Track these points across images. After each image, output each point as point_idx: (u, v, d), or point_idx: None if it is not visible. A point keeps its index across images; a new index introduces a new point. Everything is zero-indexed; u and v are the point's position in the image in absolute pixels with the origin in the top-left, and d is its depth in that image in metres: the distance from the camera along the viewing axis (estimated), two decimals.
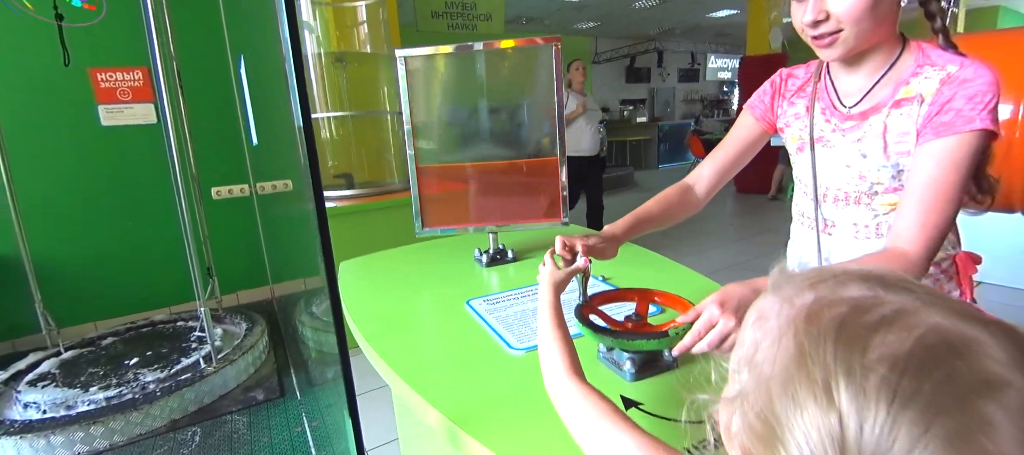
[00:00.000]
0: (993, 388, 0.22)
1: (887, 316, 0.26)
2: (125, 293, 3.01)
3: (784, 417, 0.26)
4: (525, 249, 1.42)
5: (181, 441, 1.93)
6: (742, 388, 0.31)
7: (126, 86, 2.83)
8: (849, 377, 0.24)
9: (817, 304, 0.29)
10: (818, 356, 0.26)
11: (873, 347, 0.25)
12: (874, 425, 0.23)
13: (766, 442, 0.28)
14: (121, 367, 2.30)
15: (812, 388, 0.25)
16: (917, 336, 0.24)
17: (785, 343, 0.28)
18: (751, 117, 0.99)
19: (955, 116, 0.69)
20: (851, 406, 0.24)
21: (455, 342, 0.89)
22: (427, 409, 0.68)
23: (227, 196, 3.18)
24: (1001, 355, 0.23)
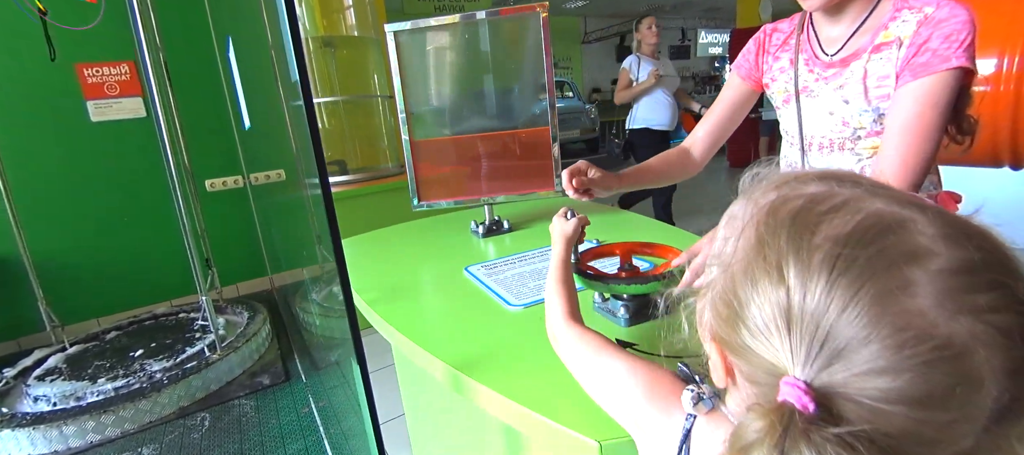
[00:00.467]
0: (918, 256, 0.26)
1: (836, 205, 0.29)
2: (126, 288, 3.03)
3: (744, 298, 0.30)
4: (521, 220, 1.44)
5: (191, 426, 1.97)
6: (712, 280, 0.34)
7: (113, 80, 2.81)
8: (797, 256, 0.28)
9: (778, 200, 0.32)
10: (773, 243, 0.29)
11: (820, 231, 0.28)
12: (814, 292, 0.26)
13: (729, 322, 0.31)
14: (127, 359, 2.33)
15: (767, 270, 0.29)
16: (858, 219, 0.28)
17: (747, 235, 0.32)
18: (738, 78, 1.01)
19: (932, 56, 0.71)
20: (797, 280, 0.27)
21: (456, 303, 0.92)
22: (432, 361, 0.71)
23: (221, 188, 3.19)
24: (930, 231, 0.27)
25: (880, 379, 0.24)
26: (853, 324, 0.25)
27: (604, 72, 11.26)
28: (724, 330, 0.32)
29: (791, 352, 0.27)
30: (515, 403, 0.57)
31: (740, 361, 0.31)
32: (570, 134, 7.81)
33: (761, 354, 0.29)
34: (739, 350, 0.31)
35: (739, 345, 0.30)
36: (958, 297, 0.25)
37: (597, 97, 10.47)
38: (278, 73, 2.82)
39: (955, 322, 0.24)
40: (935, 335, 0.24)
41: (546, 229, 1.34)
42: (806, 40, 0.90)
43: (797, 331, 0.27)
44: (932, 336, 0.24)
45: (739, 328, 0.30)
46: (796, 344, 0.27)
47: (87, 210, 2.90)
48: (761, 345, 0.29)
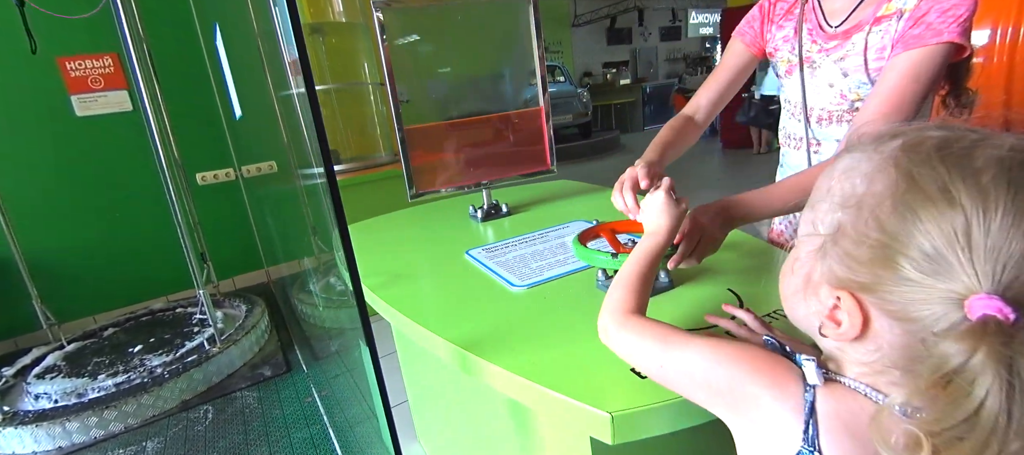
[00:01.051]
0: None
1: (975, 140, 0.30)
2: (122, 284, 3.01)
3: (900, 231, 0.30)
4: (519, 204, 1.44)
5: (194, 419, 1.98)
6: (837, 227, 0.34)
7: (97, 74, 2.76)
8: (965, 179, 0.29)
9: (911, 141, 0.32)
10: (928, 172, 0.30)
11: (977, 157, 0.29)
12: (997, 210, 0.27)
13: (875, 263, 0.31)
14: (126, 355, 2.32)
15: (929, 198, 0.29)
16: (1007, 148, 0.29)
17: (887, 173, 0.32)
18: (741, 44, 1.00)
19: (925, 29, 0.71)
20: (972, 201, 0.28)
21: (458, 286, 0.92)
22: (437, 342, 0.71)
23: (213, 181, 3.15)
24: None
25: None
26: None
27: (595, 55, 11.18)
28: (864, 273, 0.32)
29: (976, 271, 0.27)
30: (524, 379, 0.58)
31: (887, 300, 0.31)
32: (563, 119, 7.76)
33: (932, 284, 0.29)
34: (889, 288, 0.30)
35: (892, 281, 0.30)
36: None
37: (589, 81, 10.41)
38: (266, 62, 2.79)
39: None
40: None
41: (545, 212, 1.35)
42: (811, 10, 0.89)
43: (982, 251, 0.27)
44: None
45: (896, 264, 0.30)
46: (980, 263, 0.27)
47: (78, 207, 2.87)
48: (931, 274, 0.29)
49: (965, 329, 0.27)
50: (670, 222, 0.63)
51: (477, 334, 0.72)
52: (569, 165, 7.17)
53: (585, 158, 7.60)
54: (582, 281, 0.85)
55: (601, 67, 11.14)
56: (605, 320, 0.54)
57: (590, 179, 5.58)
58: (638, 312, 0.53)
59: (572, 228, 1.16)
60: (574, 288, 0.83)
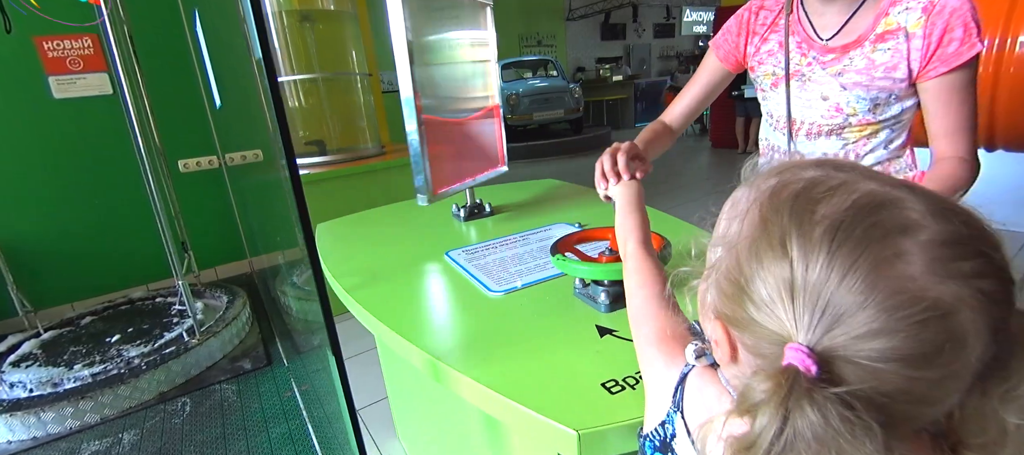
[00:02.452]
0: (909, 229, 0.28)
1: (833, 186, 0.31)
2: (100, 272, 2.95)
3: (749, 273, 0.32)
4: (504, 204, 1.43)
5: (172, 411, 1.95)
6: (716, 261, 0.36)
7: (76, 55, 2.68)
8: (799, 231, 0.30)
9: (779, 184, 0.34)
10: (777, 221, 0.31)
11: (819, 209, 0.30)
12: (816, 263, 0.29)
13: (735, 299, 0.33)
14: (103, 344, 2.28)
15: (771, 246, 0.31)
16: (854, 198, 0.30)
17: (751, 216, 0.34)
18: (715, 58, 0.99)
19: (959, 44, 0.73)
20: (800, 253, 0.29)
21: (436, 290, 0.91)
22: (410, 349, 0.70)
23: (195, 169, 3.10)
24: (919, 208, 0.29)
25: (876, 340, 0.27)
26: (852, 291, 0.27)
27: (589, 50, 11.14)
28: (729, 307, 0.33)
29: (795, 319, 0.29)
30: (494, 393, 0.57)
31: (744, 335, 0.33)
32: (554, 114, 7.73)
33: (766, 325, 0.30)
34: (744, 324, 0.32)
35: (744, 319, 0.32)
36: (946, 264, 0.27)
37: (581, 76, 10.38)
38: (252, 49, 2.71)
39: (943, 285, 0.27)
40: (925, 297, 0.26)
41: (529, 213, 1.34)
42: (797, 22, 0.88)
43: (801, 300, 0.29)
44: (923, 298, 0.26)
45: (745, 302, 0.32)
46: (800, 312, 0.29)
47: (55, 192, 2.80)
48: (766, 316, 0.30)
49: (770, 371, 0.29)
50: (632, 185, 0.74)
51: (451, 342, 0.71)
52: (559, 161, 7.17)
53: (575, 153, 7.59)
54: (559, 288, 0.84)
55: (595, 62, 11.11)
56: (625, 238, 0.62)
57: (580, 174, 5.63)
58: (643, 243, 0.61)
59: (554, 232, 1.15)
60: (551, 295, 0.82)
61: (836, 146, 0.87)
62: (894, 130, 0.86)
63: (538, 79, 8.03)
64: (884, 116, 0.83)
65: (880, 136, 0.86)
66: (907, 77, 0.78)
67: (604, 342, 0.67)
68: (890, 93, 0.80)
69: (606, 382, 0.57)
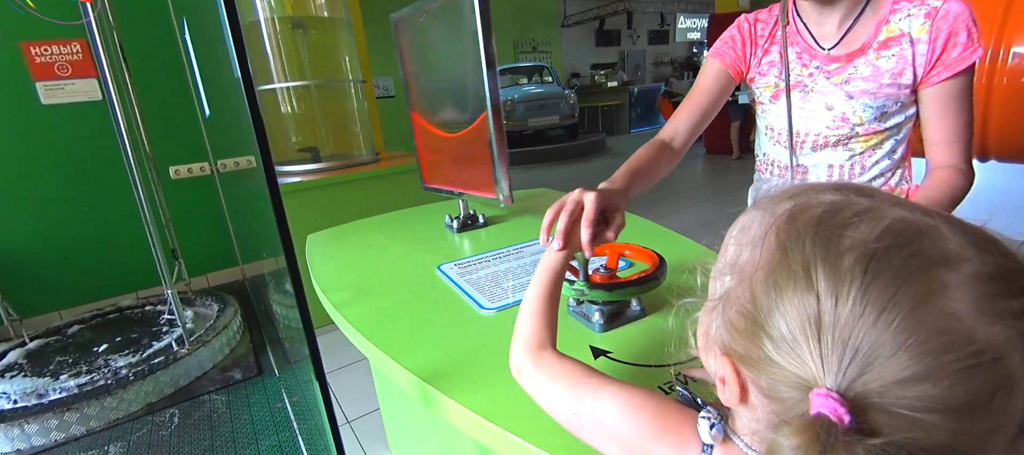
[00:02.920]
0: (951, 261, 0.25)
1: (859, 212, 0.28)
2: (89, 280, 2.91)
3: (766, 306, 0.28)
4: (497, 214, 1.42)
5: (160, 423, 1.92)
6: (725, 291, 0.33)
7: (64, 60, 2.65)
8: (825, 261, 0.27)
9: (796, 208, 0.31)
10: (798, 249, 0.28)
11: (847, 236, 0.27)
12: (847, 297, 0.25)
13: (748, 334, 0.29)
14: (90, 354, 2.24)
15: (792, 276, 0.28)
16: (885, 225, 0.27)
17: (768, 243, 0.30)
18: (719, 64, 0.94)
19: (962, 49, 0.74)
20: (827, 285, 0.26)
21: (426, 306, 0.89)
22: (398, 370, 0.68)
23: (187, 175, 3.07)
24: (956, 238, 0.26)
25: (919, 387, 0.24)
26: (890, 329, 0.24)
27: (583, 56, 11.19)
28: (741, 343, 0.30)
29: (821, 361, 0.26)
30: (484, 420, 0.55)
31: (759, 375, 0.29)
32: (549, 120, 7.75)
33: (786, 366, 0.27)
34: (758, 364, 0.29)
35: (759, 358, 0.29)
36: (993, 302, 0.24)
37: (576, 82, 10.41)
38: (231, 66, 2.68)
39: (992, 327, 0.24)
40: (974, 340, 0.23)
41: (523, 225, 1.33)
42: (796, 32, 0.87)
43: (829, 339, 0.25)
44: (971, 341, 0.23)
45: (760, 339, 0.28)
46: (827, 353, 0.25)
47: (44, 199, 2.76)
48: (787, 356, 0.27)
49: (799, 423, 0.26)
50: (542, 268, 0.60)
51: (440, 362, 0.69)
52: (555, 167, 7.17)
53: (571, 160, 7.59)
54: None
55: (589, 69, 11.15)
56: (518, 357, 0.51)
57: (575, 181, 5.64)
58: (550, 345, 0.50)
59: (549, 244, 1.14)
60: None
61: (842, 158, 0.86)
62: (897, 140, 0.86)
63: (533, 85, 8.05)
64: (889, 124, 0.83)
65: (885, 147, 0.85)
66: (912, 83, 0.79)
67: (598, 364, 0.65)
68: (896, 100, 0.80)
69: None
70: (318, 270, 1.12)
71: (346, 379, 2.12)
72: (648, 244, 0.86)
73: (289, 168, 2.79)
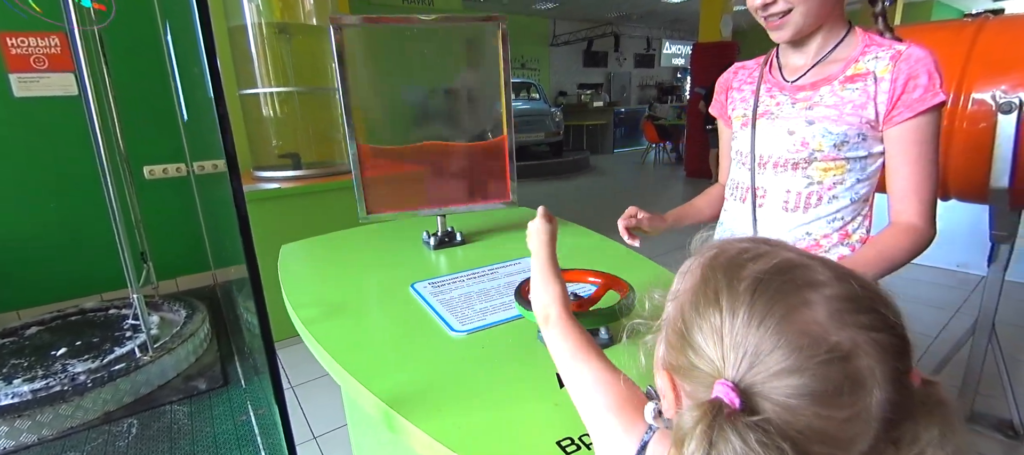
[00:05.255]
0: (815, 285, 0.33)
1: (758, 254, 0.37)
2: (52, 279, 2.80)
3: (690, 323, 0.36)
4: (474, 232, 1.42)
5: (116, 433, 1.84)
6: (666, 315, 0.41)
7: (41, 53, 2.58)
8: (729, 287, 0.35)
9: (717, 252, 0.39)
10: (712, 280, 0.37)
11: (745, 270, 0.36)
12: (739, 311, 0.33)
13: (678, 348, 0.37)
14: (47, 358, 2.15)
15: (708, 299, 0.36)
16: (773, 262, 0.36)
17: (692, 276, 0.39)
18: (724, 126, 1.07)
19: (923, 91, 0.76)
20: (728, 305, 0.34)
21: (396, 325, 0.89)
22: (362, 393, 0.67)
23: (162, 176, 3.00)
24: (825, 272, 0.35)
25: (788, 378, 0.31)
26: (767, 333, 0.32)
27: (571, 76, 11.35)
28: (674, 356, 0.38)
29: (723, 359, 0.33)
30: (447, 450, 0.55)
31: (686, 382, 0.36)
32: (535, 136, 7.81)
33: (702, 367, 0.34)
34: (686, 371, 0.36)
35: (686, 366, 0.36)
36: (845, 315, 0.32)
37: (563, 101, 10.54)
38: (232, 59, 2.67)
39: (844, 331, 0.31)
40: (828, 340, 0.31)
41: (500, 243, 1.33)
42: (768, 71, 0.94)
43: (727, 342, 0.33)
44: (826, 341, 0.31)
45: (686, 350, 0.36)
46: (727, 353, 0.33)
47: (8, 193, 2.67)
48: (702, 360, 0.34)
49: (700, 404, 0.32)
50: (542, 239, 0.71)
51: (407, 386, 0.69)
52: (539, 183, 7.21)
53: (554, 176, 7.65)
54: (523, 330, 0.83)
55: (576, 87, 11.30)
56: (548, 306, 0.60)
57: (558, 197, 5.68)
58: (566, 308, 0.59)
59: (524, 265, 1.14)
60: (514, 338, 0.81)
61: (800, 183, 0.88)
62: (860, 179, 0.87)
63: (520, 101, 8.12)
64: (849, 154, 0.85)
65: (846, 181, 0.87)
66: (874, 118, 0.81)
67: (563, 394, 0.65)
68: (858, 132, 0.82)
69: (562, 441, 0.55)
70: (289, 283, 1.10)
71: (315, 392, 2.07)
72: (619, 270, 0.88)
73: (269, 174, 2.75)
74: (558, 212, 1.68)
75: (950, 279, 3.07)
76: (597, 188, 6.85)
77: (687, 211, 1.11)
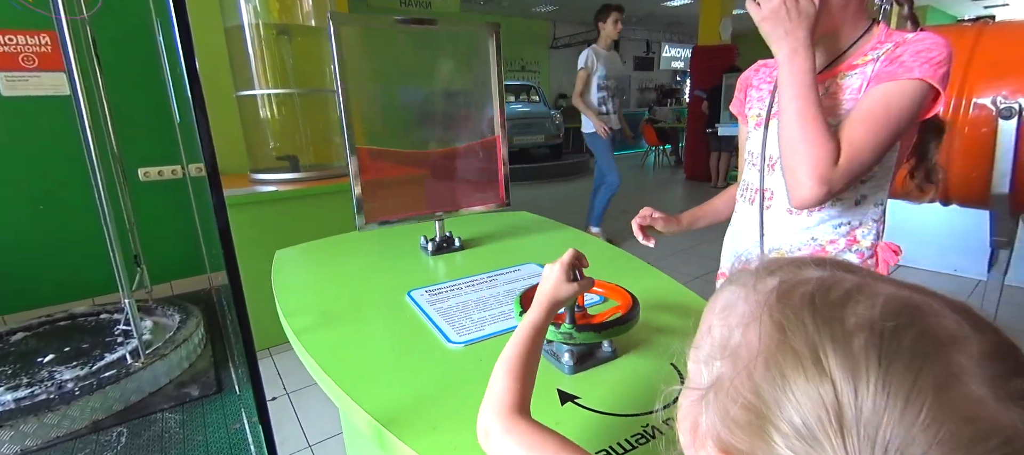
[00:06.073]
0: (958, 341, 0.24)
1: (850, 290, 0.27)
2: (41, 283, 2.76)
3: (771, 397, 0.26)
4: (473, 237, 1.38)
5: (105, 443, 1.80)
6: (717, 378, 0.29)
7: (31, 52, 2.54)
8: (834, 344, 0.25)
9: (784, 285, 0.29)
10: (799, 330, 0.26)
11: (848, 315, 0.25)
12: (868, 384, 0.23)
13: (752, 429, 0.26)
14: (34, 365, 2.11)
15: (799, 361, 0.25)
16: (882, 303, 0.26)
17: (763, 323, 0.28)
18: (740, 122, 1.04)
19: (898, 66, 0.71)
20: (842, 371, 0.24)
21: (391, 336, 0.85)
22: (353, 408, 0.64)
23: (157, 178, 2.96)
24: (951, 314, 0.25)
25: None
26: (918, 422, 0.22)
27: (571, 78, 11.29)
28: (742, 439, 0.27)
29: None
30: None
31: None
32: (535, 139, 7.80)
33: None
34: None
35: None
36: (1004, 383, 0.23)
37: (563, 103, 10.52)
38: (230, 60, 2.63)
39: (1012, 412, 0.22)
40: (999, 426, 0.22)
41: (499, 249, 1.30)
42: None
43: (855, 434, 0.23)
44: (998, 429, 0.22)
45: (769, 434, 0.25)
46: (853, 448, 0.23)
47: None
48: (804, 452, 0.24)
49: None
50: (555, 296, 0.59)
51: (400, 401, 0.65)
52: (539, 185, 7.18)
53: (554, 179, 7.63)
54: None
55: None
56: (487, 420, 0.46)
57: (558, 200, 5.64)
58: (524, 410, 0.47)
59: (524, 272, 1.11)
60: None
61: None
62: (865, 178, 0.83)
63: (520, 104, 8.10)
64: None
65: None
66: None
67: (565, 411, 0.62)
68: None
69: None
70: (282, 290, 1.06)
71: (311, 399, 2.03)
72: (622, 278, 0.84)
73: (267, 176, 2.71)
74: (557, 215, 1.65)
75: (947, 283, 3.04)
76: None
77: (705, 211, 1.07)
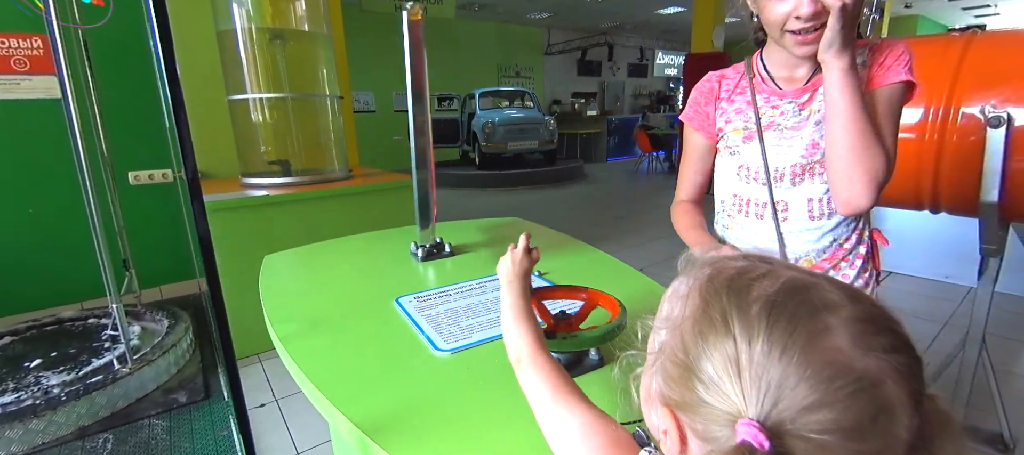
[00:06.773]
0: (831, 307, 0.31)
1: (762, 273, 0.34)
2: (28, 287, 2.73)
3: (694, 354, 0.33)
4: (465, 243, 1.38)
5: (91, 449, 1.77)
6: (661, 345, 0.37)
7: (22, 55, 2.53)
8: (739, 311, 0.32)
9: (713, 272, 0.36)
10: (717, 303, 0.33)
11: (753, 291, 0.33)
12: (758, 339, 0.30)
13: (682, 381, 0.34)
14: (20, 370, 2.08)
15: (713, 325, 0.33)
16: (781, 282, 0.33)
17: (692, 300, 0.36)
18: (693, 131, 1.01)
19: (886, 71, 0.80)
20: (741, 331, 0.31)
21: (378, 343, 0.85)
22: (337, 416, 0.63)
23: (148, 182, 2.94)
24: (835, 291, 0.32)
25: (818, 413, 0.28)
26: (791, 364, 0.29)
27: (565, 84, 11.39)
28: (676, 390, 0.34)
29: (743, 396, 0.30)
30: None
31: (694, 419, 0.33)
32: (528, 144, 7.82)
33: (716, 404, 0.31)
34: (693, 407, 0.33)
35: (693, 401, 0.33)
36: (866, 338, 0.30)
37: (557, 109, 10.56)
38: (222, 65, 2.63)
39: (868, 358, 0.29)
40: (855, 369, 0.28)
41: (490, 256, 1.30)
42: (761, 82, 0.91)
43: (747, 376, 0.30)
44: (852, 370, 0.28)
45: (693, 383, 0.33)
46: (747, 388, 0.30)
47: None
48: (715, 395, 0.31)
49: (726, 451, 0.29)
50: (514, 274, 0.68)
51: (386, 410, 0.65)
52: (532, 191, 7.19)
53: (548, 184, 7.64)
54: None
55: (570, 96, 11.34)
56: (521, 349, 0.56)
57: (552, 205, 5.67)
58: (540, 348, 0.56)
59: None
60: (501, 358, 0.77)
61: (820, 189, 0.87)
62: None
63: (514, 109, 8.12)
64: None
65: None
66: None
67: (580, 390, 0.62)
68: None
69: None
70: (269, 296, 1.06)
71: (300, 406, 2.02)
72: (610, 285, 0.84)
73: (258, 180, 2.70)
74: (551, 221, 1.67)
75: (937, 290, 3.08)
76: (590, 197, 6.84)
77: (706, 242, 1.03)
